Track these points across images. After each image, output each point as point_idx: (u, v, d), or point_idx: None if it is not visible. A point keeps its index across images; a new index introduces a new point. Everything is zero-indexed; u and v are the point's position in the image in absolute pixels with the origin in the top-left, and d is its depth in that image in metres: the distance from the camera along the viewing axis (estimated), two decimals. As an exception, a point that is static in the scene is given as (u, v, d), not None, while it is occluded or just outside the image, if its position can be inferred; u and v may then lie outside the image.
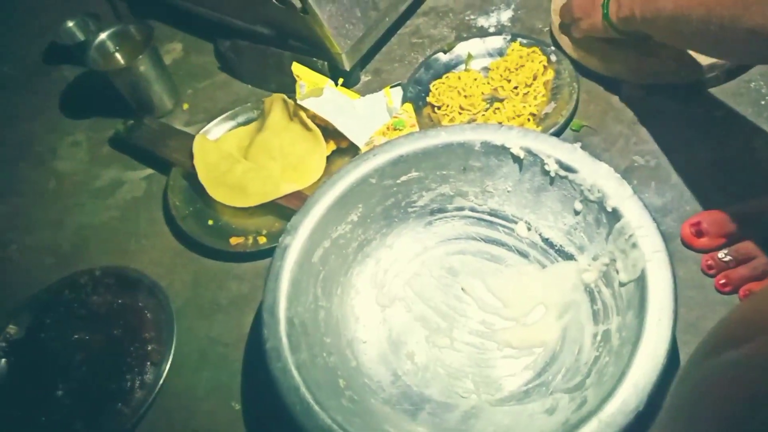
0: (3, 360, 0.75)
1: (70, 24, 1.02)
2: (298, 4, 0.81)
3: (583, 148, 0.65)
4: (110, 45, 0.94)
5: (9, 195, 0.94)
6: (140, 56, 0.89)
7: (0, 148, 1.00)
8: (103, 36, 0.93)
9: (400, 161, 0.69)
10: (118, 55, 0.95)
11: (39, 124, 1.02)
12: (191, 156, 0.84)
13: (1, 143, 1.01)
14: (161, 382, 0.70)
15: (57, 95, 1.05)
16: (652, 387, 0.51)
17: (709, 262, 0.65)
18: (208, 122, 0.89)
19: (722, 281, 0.64)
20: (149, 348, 0.72)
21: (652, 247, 0.57)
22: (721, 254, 0.64)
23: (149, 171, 0.91)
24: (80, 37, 1.02)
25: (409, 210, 0.72)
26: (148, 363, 0.71)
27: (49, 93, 1.05)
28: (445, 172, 0.70)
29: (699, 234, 0.66)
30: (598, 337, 0.61)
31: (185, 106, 0.97)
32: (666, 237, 0.59)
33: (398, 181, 0.70)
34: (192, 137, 0.86)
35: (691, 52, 0.77)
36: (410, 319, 0.68)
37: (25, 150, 0.99)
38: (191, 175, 0.84)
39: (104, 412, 0.69)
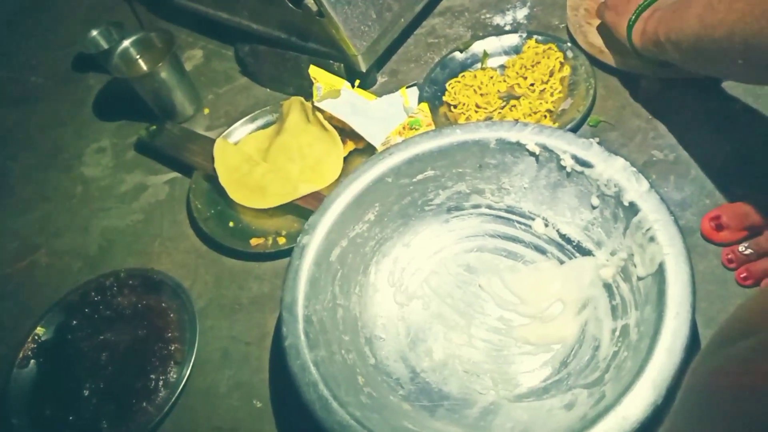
0: (32, 361, 0.77)
1: (95, 33, 1.05)
2: (314, 8, 0.82)
3: (600, 143, 0.64)
4: (133, 52, 0.96)
5: (38, 201, 0.97)
6: (161, 63, 0.91)
7: (30, 155, 1.03)
8: (125, 43, 0.96)
9: (416, 160, 0.69)
10: (140, 62, 0.97)
11: (66, 131, 1.05)
12: (212, 159, 0.85)
13: (31, 151, 1.04)
14: (184, 380, 0.71)
15: (83, 103, 1.07)
16: (670, 381, 0.50)
17: (730, 256, 0.64)
18: (229, 126, 0.91)
19: (743, 275, 0.63)
20: (173, 347, 0.73)
21: (670, 240, 0.57)
22: (741, 248, 0.64)
23: (172, 175, 0.93)
24: (104, 45, 1.04)
25: (426, 208, 0.73)
26: (172, 362, 0.73)
27: (75, 101, 1.08)
28: (461, 170, 0.70)
29: (719, 228, 0.65)
30: (617, 333, 0.60)
31: (206, 111, 0.99)
32: (686, 231, 0.58)
33: (414, 180, 0.70)
34: (213, 141, 0.87)
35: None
36: (428, 316, 0.69)
37: (53, 157, 1.02)
38: (213, 178, 0.85)
39: (129, 411, 0.70)
